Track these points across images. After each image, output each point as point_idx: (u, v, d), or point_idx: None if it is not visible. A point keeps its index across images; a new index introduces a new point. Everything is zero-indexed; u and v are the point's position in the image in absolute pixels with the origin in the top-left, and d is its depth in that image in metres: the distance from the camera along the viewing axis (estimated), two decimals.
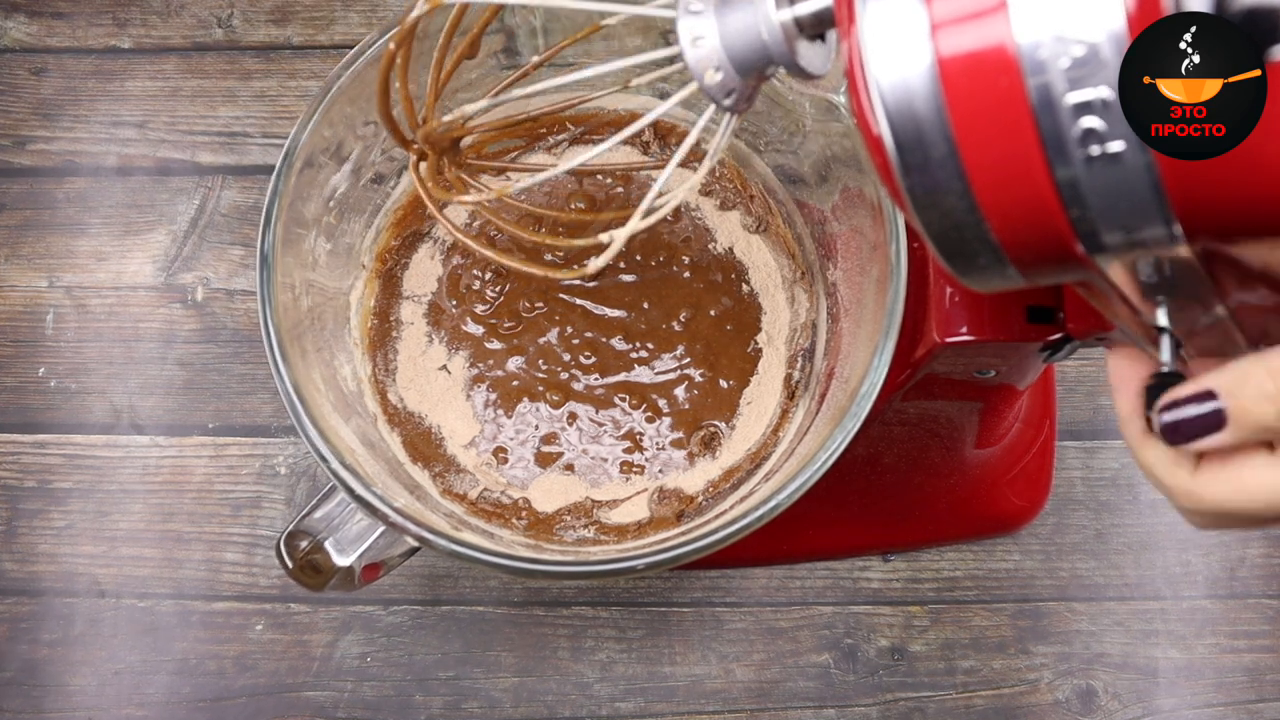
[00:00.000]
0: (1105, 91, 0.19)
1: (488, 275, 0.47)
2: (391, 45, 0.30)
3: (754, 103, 0.28)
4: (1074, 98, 0.19)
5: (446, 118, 0.32)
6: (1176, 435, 0.24)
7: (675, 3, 0.25)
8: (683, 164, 0.45)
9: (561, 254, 0.46)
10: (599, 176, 0.48)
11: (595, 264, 0.30)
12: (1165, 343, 0.25)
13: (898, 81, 0.20)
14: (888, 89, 0.20)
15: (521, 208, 0.44)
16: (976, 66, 0.20)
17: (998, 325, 0.36)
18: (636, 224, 0.29)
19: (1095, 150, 0.19)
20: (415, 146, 0.34)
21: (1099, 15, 0.19)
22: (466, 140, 0.38)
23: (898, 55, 0.20)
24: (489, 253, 0.34)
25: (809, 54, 0.25)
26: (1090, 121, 0.19)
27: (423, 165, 0.35)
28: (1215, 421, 0.24)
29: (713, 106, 0.27)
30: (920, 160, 0.21)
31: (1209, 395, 0.24)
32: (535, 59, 0.36)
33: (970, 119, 0.20)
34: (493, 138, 0.43)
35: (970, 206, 0.21)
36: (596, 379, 0.46)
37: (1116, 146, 0.19)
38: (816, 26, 0.25)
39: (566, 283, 0.46)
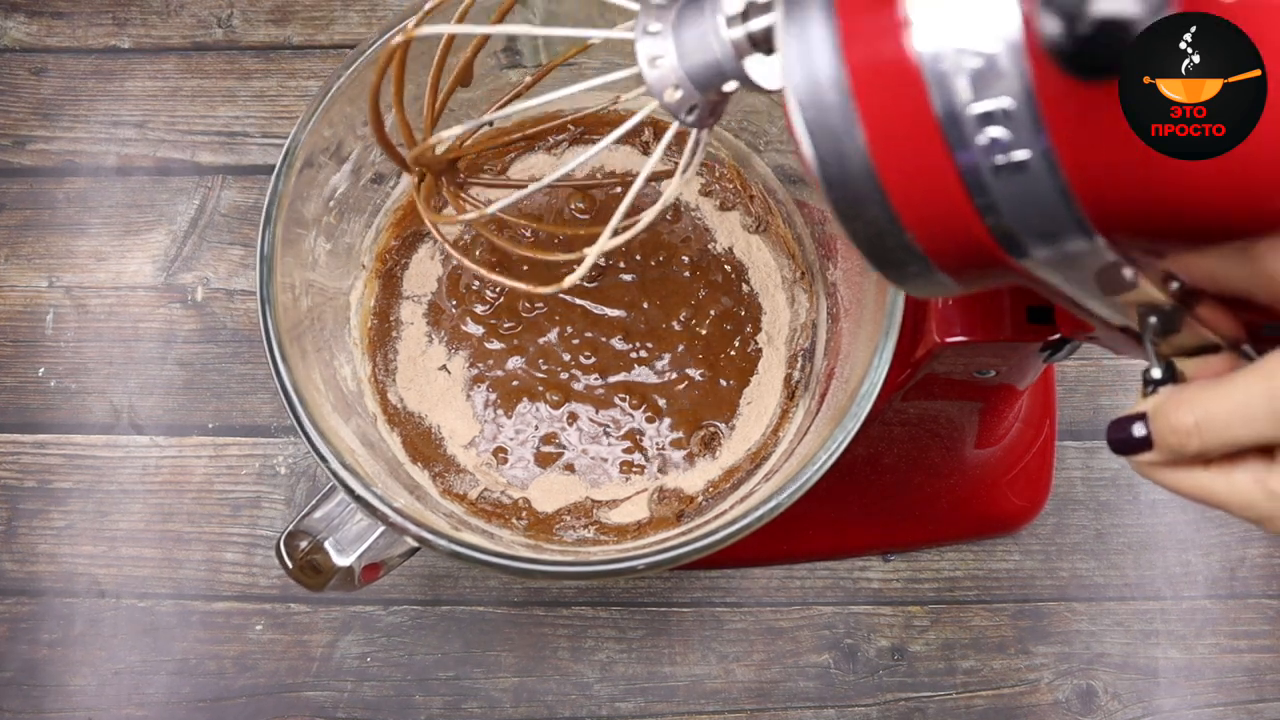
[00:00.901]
0: (1007, 101, 0.19)
1: None
2: (374, 77, 0.30)
3: (720, 117, 0.28)
4: (977, 108, 0.19)
5: (445, 133, 0.32)
6: (1119, 449, 0.27)
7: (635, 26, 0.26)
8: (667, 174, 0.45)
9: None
10: (598, 176, 0.48)
11: (569, 280, 0.30)
12: (1148, 346, 0.26)
13: (814, 98, 0.20)
14: (806, 105, 0.21)
15: (515, 220, 0.44)
16: (883, 81, 0.20)
17: (997, 325, 0.36)
18: (605, 243, 0.30)
19: (1001, 160, 0.20)
20: (416, 170, 0.35)
21: (996, 26, 0.19)
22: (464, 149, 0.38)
23: (812, 72, 0.20)
24: (480, 269, 0.34)
25: (763, 68, 0.26)
26: (995, 131, 0.19)
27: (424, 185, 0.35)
28: (1145, 443, 0.27)
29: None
30: (839, 174, 0.21)
31: (1141, 418, 0.27)
32: (528, 79, 0.36)
33: (882, 133, 0.20)
34: (491, 155, 0.43)
35: (891, 218, 0.21)
36: (596, 379, 0.46)
37: (1021, 155, 0.19)
38: (769, 43, 0.25)
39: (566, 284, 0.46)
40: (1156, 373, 0.27)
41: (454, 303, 0.47)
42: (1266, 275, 0.23)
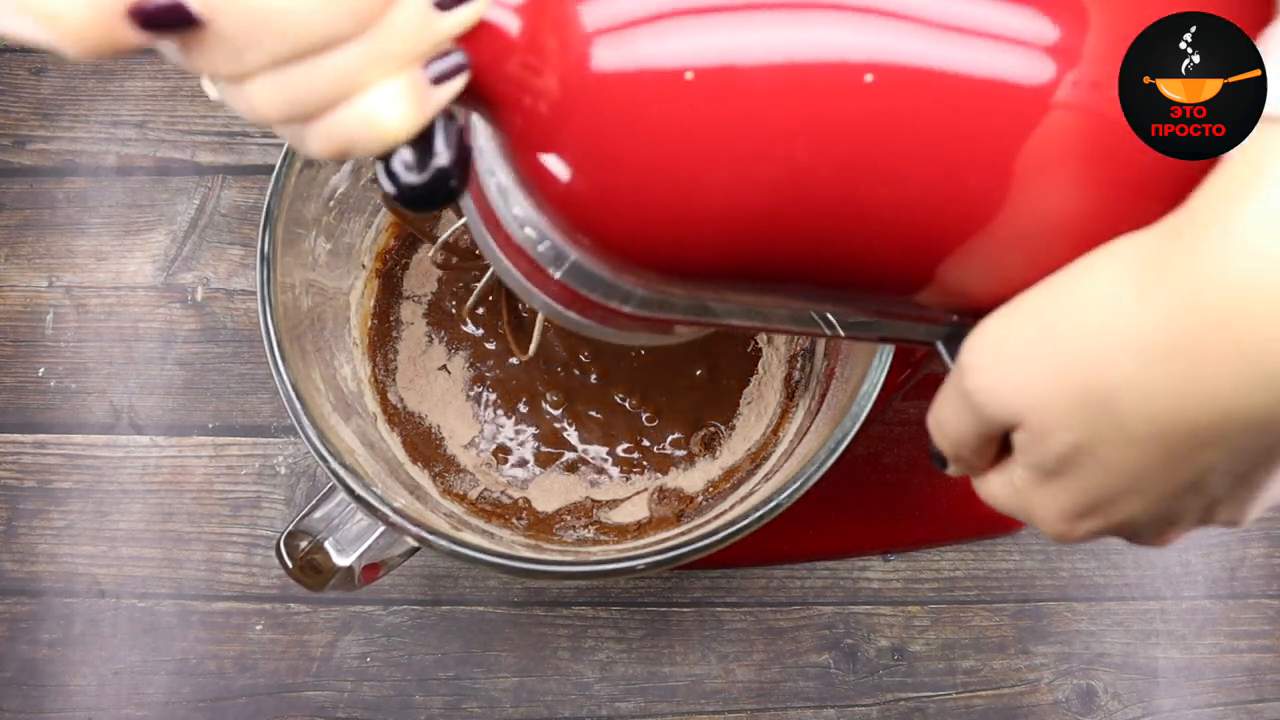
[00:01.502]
0: (520, 210, 0.23)
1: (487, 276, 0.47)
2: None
3: None
4: (513, 211, 0.24)
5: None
6: (935, 464, 0.27)
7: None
8: None
9: None
10: None
11: (532, 348, 0.38)
12: (941, 350, 0.26)
13: (475, 224, 0.26)
14: (470, 221, 0.26)
15: None
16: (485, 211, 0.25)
17: None
18: (539, 335, 0.37)
19: (544, 249, 0.24)
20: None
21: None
22: None
23: (470, 209, 0.26)
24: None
25: None
26: (530, 232, 0.24)
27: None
28: (941, 455, 0.26)
29: None
30: (490, 254, 0.26)
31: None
32: None
33: (496, 235, 0.25)
34: None
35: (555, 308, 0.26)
36: (596, 378, 0.46)
37: (545, 245, 0.24)
38: None
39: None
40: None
41: (454, 303, 0.47)
42: (953, 297, 0.23)
